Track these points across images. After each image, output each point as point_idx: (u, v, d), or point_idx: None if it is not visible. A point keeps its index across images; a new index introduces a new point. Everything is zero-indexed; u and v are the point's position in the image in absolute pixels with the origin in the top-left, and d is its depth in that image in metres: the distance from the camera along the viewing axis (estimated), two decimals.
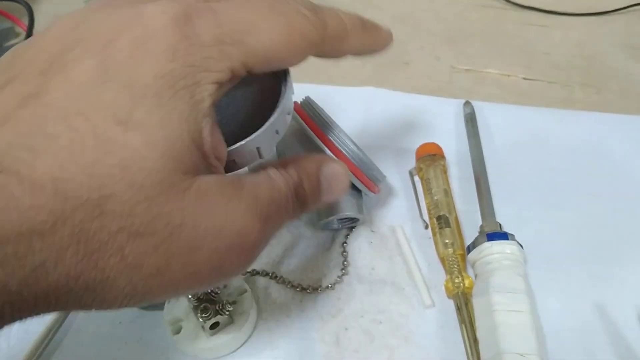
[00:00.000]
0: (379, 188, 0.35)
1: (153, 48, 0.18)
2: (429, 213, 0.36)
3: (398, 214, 0.38)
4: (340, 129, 0.31)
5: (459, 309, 0.31)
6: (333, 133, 0.31)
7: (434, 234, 0.35)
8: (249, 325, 0.31)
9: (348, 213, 0.34)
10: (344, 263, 0.35)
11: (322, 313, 0.33)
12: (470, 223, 0.36)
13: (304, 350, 0.31)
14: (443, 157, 0.39)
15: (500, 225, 0.34)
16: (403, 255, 0.35)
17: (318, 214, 0.35)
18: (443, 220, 0.35)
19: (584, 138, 0.42)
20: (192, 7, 0.19)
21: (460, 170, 0.40)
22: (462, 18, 0.55)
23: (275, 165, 0.22)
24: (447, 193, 0.37)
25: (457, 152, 0.41)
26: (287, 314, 0.33)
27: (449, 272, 0.33)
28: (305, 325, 0.32)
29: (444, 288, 0.33)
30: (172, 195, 0.17)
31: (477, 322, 0.31)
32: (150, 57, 0.17)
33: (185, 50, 0.18)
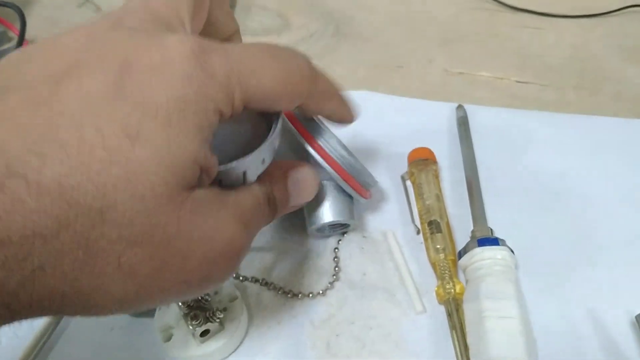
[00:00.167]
0: (371, 193, 0.35)
1: (170, 72, 0.19)
2: (421, 218, 0.36)
3: (390, 219, 0.38)
4: (332, 134, 0.31)
5: (450, 315, 0.31)
6: (323, 138, 0.31)
7: (426, 239, 0.35)
8: (240, 332, 0.31)
9: (339, 219, 0.34)
10: (335, 269, 0.35)
11: (313, 319, 0.33)
12: (462, 228, 0.36)
13: (295, 357, 0.31)
14: (435, 161, 0.39)
15: (492, 231, 0.35)
16: (394, 261, 0.35)
17: (310, 220, 0.34)
18: (434, 226, 0.35)
19: (577, 141, 0.42)
20: (207, 42, 0.20)
21: (452, 174, 0.40)
22: (455, 21, 0.55)
23: None
24: (438, 198, 0.37)
25: (449, 155, 0.41)
26: (278, 320, 0.33)
27: (440, 277, 0.33)
28: (296, 332, 0.32)
29: (435, 294, 0.33)
30: (170, 207, 0.18)
31: (467, 328, 0.31)
32: (167, 80, 0.19)
33: (198, 79, 0.19)
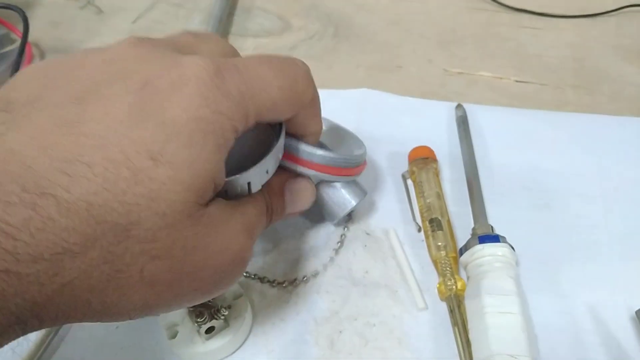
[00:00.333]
0: (365, 163, 0.34)
1: (188, 93, 0.20)
2: (422, 216, 0.37)
3: (391, 217, 0.38)
4: (304, 143, 0.30)
5: (452, 311, 0.32)
6: (298, 149, 0.30)
7: (427, 237, 0.36)
8: (245, 329, 0.32)
9: (355, 201, 0.34)
10: (331, 258, 0.36)
11: (316, 316, 0.33)
12: (463, 225, 0.37)
13: (299, 353, 0.32)
14: (435, 160, 0.39)
15: (492, 228, 0.35)
16: (396, 259, 0.35)
17: (332, 213, 0.34)
18: (435, 223, 0.35)
19: (576, 140, 0.43)
20: (221, 61, 0.21)
21: (453, 173, 0.40)
22: (454, 21, 0.55)
23: None
24: (439, 196, 0.37)
25: (449, 154, 0.41)
26: (282, 317, 0.33)
27: (442, 274, 0.33)
28: (300, 328, 0.33)
29: (437, 290, 0.33)
30: (189, 223, 0.19)
31: (469, 324, 0.31)
32: (185, 100, 0.19)
33: (215, 99, 0.20)
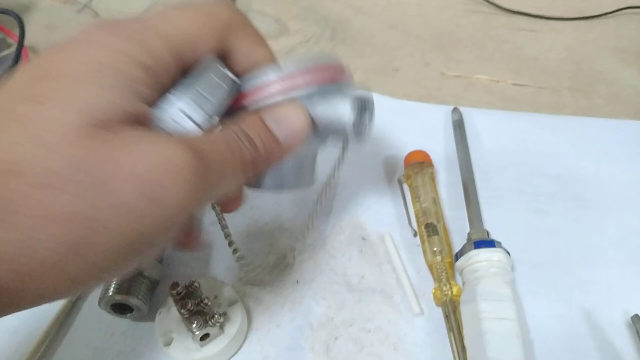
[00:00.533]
0: (344, 70, 0.29)
1: (74, 43, 0.20)
2: (418, 221, 0.37)
3: (387, 222, 0.38)
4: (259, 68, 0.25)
5: (447, 317, 0.32)
6: (256, 77, 0.25)
7: (423, 242, 0.35)
8: (240, 336, 0.32)
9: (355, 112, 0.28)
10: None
11: (312, 322, 0.33)
12: (459, 230, 0.37)
13: None
14: (431, 164, 0.39)
15: (488, 233, 0.35)
16: (392, 264, 0.35)
17: (337, 128, 0.27)
18: (431, 228, 0.35)
19: (573, 143, 0.43)
20: (122, 19, 0.21)
21: (449, 177, 0.40)
22: (451, 24, 0.55)
23: None
24: (435, 201, 0.37)
25: (445, 158, 0.41)
26: (277, 324, 0.33)
27: (437, 279, 0.33)
28: (296, 335, 0.33)
29: (433, 296, 0.33)
30: (83, 144, 0.18)
31: (464, 329, 0.31)
32: (70, 50, 0.20)
33: (112, 45, 0.20)
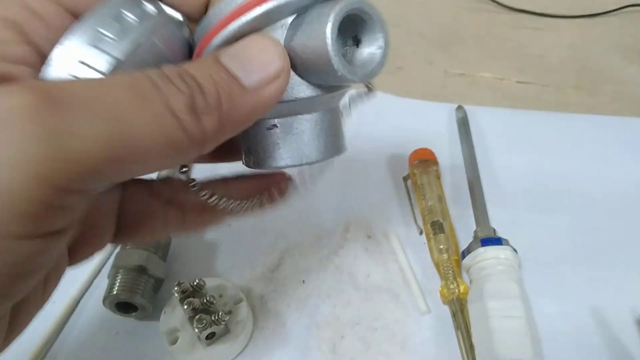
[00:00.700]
0: None
1: None
2: (423, 219, 0.37)
3: (392, 221, 0.38)
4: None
5: (455, 315, 0.32)
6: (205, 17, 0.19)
7: (429, 240, 0.35)
8: (245, 335, 0.32)
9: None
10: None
11: (318, 321, 0.33)
12: (465, 228, 0.36)
13: (301, 359, 0.31)
14: (436, 162, 0.39)
15: (495, 230, 0.35)
16: (398, 262, 0.35)
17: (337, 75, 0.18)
18: (437, 226, 0.35)
19: (577, 141, 0.42)
20: None
21: (454, 175, 0.40)
22: (455, 22, 0.55)
23: None
24: (440, 199, 0.37)
25: (450, 156, 0.41)
26: (283, 323, 0.33)
27: (444, 278, 0.33)
28: (302, 334, 0.32)
29: (439, 294, 0.33)
30: None
31: (472, 327, 0.31)
32: None
33: None
